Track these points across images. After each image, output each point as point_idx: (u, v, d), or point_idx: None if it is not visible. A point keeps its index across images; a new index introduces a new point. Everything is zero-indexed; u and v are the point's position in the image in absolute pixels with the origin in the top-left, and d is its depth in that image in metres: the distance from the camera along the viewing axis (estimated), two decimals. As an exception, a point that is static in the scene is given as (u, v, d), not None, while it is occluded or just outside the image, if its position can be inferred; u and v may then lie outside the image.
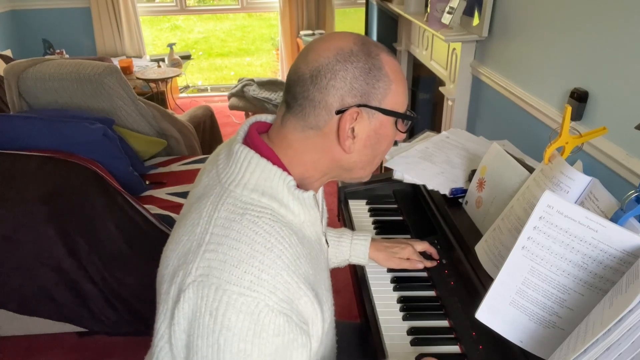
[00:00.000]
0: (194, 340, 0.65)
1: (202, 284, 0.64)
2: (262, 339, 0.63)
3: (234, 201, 0.69)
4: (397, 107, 0.74)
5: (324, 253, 0.82)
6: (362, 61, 0.70)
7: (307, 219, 0.74)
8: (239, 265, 0.64)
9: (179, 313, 0.66)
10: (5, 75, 2.17)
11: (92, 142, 1.96)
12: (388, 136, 0.76)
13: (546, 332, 0.75)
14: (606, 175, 1.26)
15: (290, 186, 0.71)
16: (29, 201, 1.71)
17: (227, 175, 0.72)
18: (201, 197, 0.74)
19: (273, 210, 0.70)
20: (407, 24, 2.77)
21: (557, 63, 1.47)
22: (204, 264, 0.65)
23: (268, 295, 0.63)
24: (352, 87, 0.70)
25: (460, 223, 1.09)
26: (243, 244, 0.65)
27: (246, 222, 0.67)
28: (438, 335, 0.95)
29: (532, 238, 0.73)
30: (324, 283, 0.78)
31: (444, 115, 2.27)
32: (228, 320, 0.62)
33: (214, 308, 0.63)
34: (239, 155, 0.72)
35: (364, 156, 0.76)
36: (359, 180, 0.82)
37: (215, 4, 6.70)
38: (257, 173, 0.71)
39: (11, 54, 3.97)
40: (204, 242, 0.67)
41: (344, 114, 0.70)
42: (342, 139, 0.72)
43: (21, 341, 1.96)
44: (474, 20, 1.90)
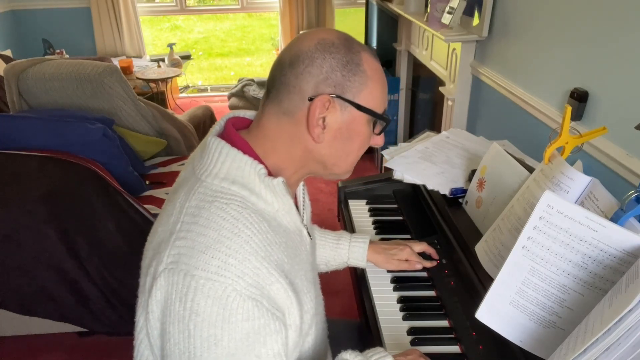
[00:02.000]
0: (166, 327, 0.66)
1: (172, 271, 0.65)
2: (231, 324, 0.64)
3: (204, 190, 0.71)
4: (372, 106, 0.75)
5: (305, 245, 0.82)
6: (341, 53, 0.72)
7: (281, 207, 0.74)
8: (206, 251, 0.64)
9: (152, 301, 0.67)
10: (5, 75, 2.17)
11: (92, 142, 1.96)
12: (361, 134, 0.76)
13: (546, 332, 0.75)
14: (606, 175, 1.26)
15: (261, 174, 0.72)
16: (29, 201, 1.71)
17: (200, 167, 0.74)
18: (176, 190, 0.76)
19: (243, 197, 0.71)
20: (407, 24, 2.77)
21: (557, 63, 1.47)
22: (174, 251, 0.66)
23: (236, 280, 0.64)
24: (327, 76, 0.71)
25: (460, 223, 1.09)
26: (211, 229, 0.66)
27: (214, 209, 0.68)
28: (438, 335, 0.94)
29: (532, 238, 0.73)
30: (304, 274, 0.78)
31: (444, 115, 2.27)
32: (197, 305, 0.63)
33: (183, 294, 0.64)
34: (211, 147, 0.73)
35: (334, 149, 0.76)
36: (335, 178, 0.82)
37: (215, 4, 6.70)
38: (228, 162, 0.72)
39: (11, 54, 3.97)
40: (175, 231, 0.68)
41: (314, 100, 0.71)
42: (311, 126, 0.72)
43: (21, 341, 1.96)
44: (474, 20, 1.90)
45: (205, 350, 0.64)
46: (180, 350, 0.65)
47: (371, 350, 0.83)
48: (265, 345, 0.67)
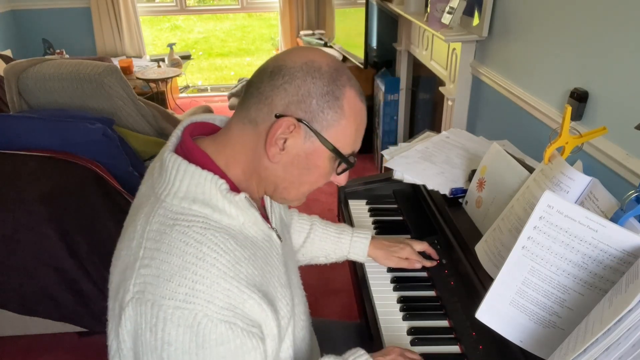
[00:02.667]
0: (140, 357, 0.65)
1: (139, 301, 0.63)
2: (205, 350, 0.63)
3: (164, 212, 0.68)
4: (340, 145, 0.72)
5: (275, 249, 0.80)
6: (324, 82, 0.69)
7: (246, 220, 0.72)
8: (171, 279, 0.63)
9: (122, 331, 0.65)
10: (5, 75, 2.17)
11: (92, 142, 1.96)
12: (320, 168, 0.74)
13: (546, 332, 0.75)
14: (606, 175, 1.26)
15: (223, 189, 0.69)
16: (29, 201, 1.71)
17: (159, 185, 0.71)
18: (138, 209, 0.73)
19: (206, 216, 0.68)
20: (407, 24, 2.77)
21: (557, 63, 1.47)
22: (139, 280, 0.64)
23: (206, 305, 0.62)
24: (302, 99, 0.68)
25: (460, 223, 1.09)
26: (174, 256, 0.64)
27: (176, 233, 0.65)
28: (438, 335, 0.95)
29: (532, 238, 0.73)
30: (277, 280, 0.77)
31: (444, 115, 2.27)
32: (168, 335, 0.62)
33: (152, 324, 0.62)
34: (167, 164, 0.71)
35: (288, 174, 0.74)
36: (286, 203, 0.80)
37: (215, 4, 6.70)
38: (187, 180, 0.69)
39: (11, 54, 3.97)
40: (138, 257, 0.66)
41: (280, 119, 0.69)
42: (269, 143, 0.70)
43: (21, 341, 1.96)
44: (474, 20, 1.90)
45: None
46: None
47: (349, 351, 0.83)
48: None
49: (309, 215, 1.18)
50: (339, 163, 0.75)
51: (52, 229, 1.70)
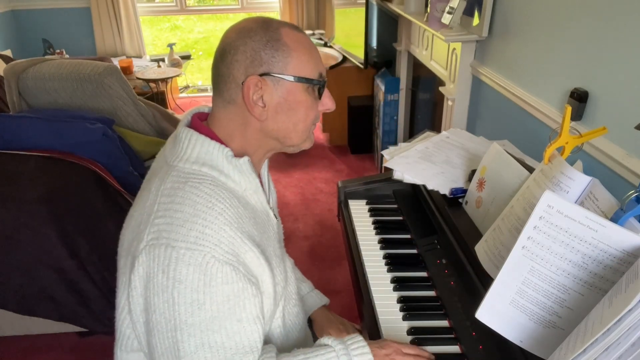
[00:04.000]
0: (150, 300, 0.70)
1: (154, 246, 0.70)
2: (212, 288, 0.69)
3: (177, 173, 0.76)
4: (305, 74, 0.79)
5: (272, 225, 0.88)
6: (260, 35, 0.77)
7: (248, 187, 0.80)
8: (184, 224, 0.70)
9: (134, 278, 0.71)
10: (5, 75, 2.17)
11: (92, 142, 1.96)
12: (302, 103, 0.81)
13: (546, 332, 0.75)
14: (606, 175, 1.26)
15: (228, 155, 0.78)
16: (29, 201, 1.71)
17: (172, 155, 0.79)
18: (151, 179, 0.81)
19: (214, 177, 0.76)
20: (407, 24, 2.77)
21: (557, 63, 1.47)
22: (154, 229, 0.71)
23: (213, 248, 0.70)
24: (253, 59, 0.76)
25: (460, 223, 1.09)
26: (186, 206, 0.71)
27: (189, 187, 0.73)
28: (438, 335, 0.94)
29: (532, 238, 0.73)
30: (273, 250, 0.84)
31: (444, 115, 2.27)
32: (179, 273, 0.68)
33: (165, 265, 0.69)
34: (181, 136, 0.80)
35: (280, 123, 0.81)
36: (296, 149, 0.87)
37: (215, 4, 6.70)
38: (197, 147, 0.78)
39: (11, 54, 3.96)
40: (153, 211, 0.73)
41: (244, 83, 0.77)
42: (250, 107, 0.78)
43: (21, 341, 1.96)
44: (474, 20, 1.90)
45: (189, 315, 0.69)
46: (166, 319, 0.69)
47: (350, 337, 0.85)
48: (245, 309, 0.73)
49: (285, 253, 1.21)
50: (316, 90, 0.82)
51: (52, 229, 1.70)
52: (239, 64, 0.77)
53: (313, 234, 2.65)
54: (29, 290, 1.76)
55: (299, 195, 3.08)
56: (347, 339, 0.84)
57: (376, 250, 1.20)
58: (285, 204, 2.97)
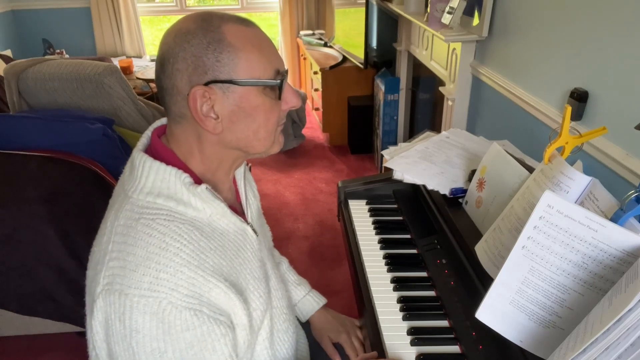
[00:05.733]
0: (112, 347, 0.67)
1: (109, 292, 0.65)
2: (172, 336, 0.65)
3: (131, 207, 0.70)
4: (257, 75, 0.70)
5: (250, 242, 0.81)
6: (199, 37, 0.68)
7: (213, 212, 0.73)
8: (136, 269, 0.65)
9: (95, 323, 0.68)
10: (5, 75, 2.17)
11: (92, 142, 1.96)
12: (259, 107, 0.72)
13: (546, 332, 0.75)
14: (606, 175, 1.26)
15: (186, 183, 0.71)
16: (29, 201, 1.71)
17: (129, 183, 0.73)
18: (110, 209, 0.76)
19: (170, 209, 0.70)
20: (407, 24, 2.77)
21: (557, 63, 1.47)
22: (108, 272, 0.66)
23: (170, 293, 0.65)
24: (195, 66, 0.68)
25: (460, 223, 1.09)
26: (138, 247, 0.66)
27: (140, 226, 0.68)
28: (438, 335, 0.94)
29: (532, 238, 0.73)
30: (250, 272, 0.79)
31: (444, 115, 2.27)
32: (135, 322, 0.64)
33: (120, 313, 0.65)
34: (135, 162, 0.73)
35: (239, 133, 0.73)
36: (263, 155, 0.79)
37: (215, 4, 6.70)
38: (152, 176, 0.71)
39: (11, 54, 3.97)
40: (108, 251, 0.68)
41: (188, 95, 0.68)
42: (201, 122, 0.70)
43: (21, 341, 1.96)
44: (474, 20, 1.90)
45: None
46: None
47: None
48: (215, 352, 0.69)
49: (279, 254, 1.19)
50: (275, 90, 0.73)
51: (52, 229, 1.70)
52: (180, 73, 0.68)
53: (313, 234, 2.65)
54: (29, 290, 1.76)
55: (299, 195, 3.08)
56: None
57: (376, 250, 1.20)
58: (285, 204, 2.97)
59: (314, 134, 3.97)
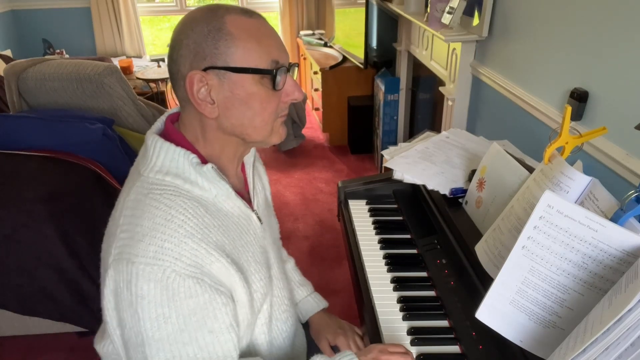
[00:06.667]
0: (120, 314, 0.70)
1: (118, 261, 0.69)
2: (176, 302, 0.68)
3: (141, 184, 0.74)
4: (253, 63, 0.72)
5: (254, 228, 0.84)
6: (201, 25, 0.71)
7: (219, 193, 0.77)
8: (143, 239, 0.68)
9: (107, 292, 0.71)
10: (5, 75, 2.17)
11: (92, 142, 1.96)
12: (254, 94, 0.74)
13: (546, 332, 0.75)
14: (606, 175, 1.26)
15: (193, 162, 0.74)
16: (29, 201, 1.71)
17: (142, 163, 0.77)
18: (124, 187, 0.80)
19: (177, 186, 0.74)
20: (407, 24, 2.77)
21: (557, 63, 1.47)
22: (119, 243, 0.70)
23: (174, 262, 0.68)
24: (196, 52, 0.71)
25: (460, 223, 1.09)
26: (144, 219, 0.70)
27: (149, 200, 0.71)
28: (438, 335, 0.94)
29: (532, 238, 0.73)
30: (252, 256, 0.81)
31: (444, 115, 2.27)
32: (140, 289, 0.67)
33: (127, 280, 0.68)
34: (148, 143, 0.78)
35: (234, 119, 0.76)
36: (265, 144, 0.81)
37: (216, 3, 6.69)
38: (162, 155, 0.75)
39: (11, 54, 3.97)
40: (119, 224, 0.72)
41: (185, 79, 0.72)
42: (197, 105, 0.74)
43: (21, 341, 1.96)
44: (474, 20, 1.90)
45: (156, 329, 0.68)
46: (135, 334, 0.69)
47: (338, 354, 0.84)
48: (217, 320, 0.71)
49: (287, 254, 1.20)
50: (271, 79, 0.74)
51: (52, 229, 1.70)
52: (184, 59, 0.73)
53: (313, 234, 2.65)
54: (29, 290, 1.76)
55: (299, 195, 3.08)
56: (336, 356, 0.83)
57: (376, 250, 1.20)
58: (285, 204, 2.97)
59: (314, 134, 3.97)
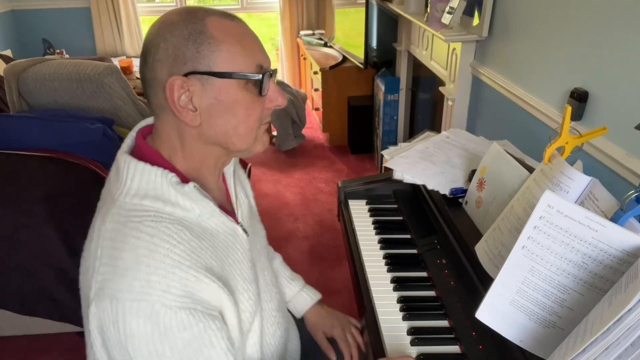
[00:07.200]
0: (110, 352, 0.66)
1: (100, 298, 0.64)
2: (169, 337, 0.64)
3: (117, 210, 0.69)
4: (236, 67, 0.69)
5: (240, 243, 0.80)
6: (181, 28, 0.67)
7: (202, 211, 0.72)
8: (126, 274, 0.63)
9: (91, 328, 0.66)
10: (5, 75, 2.17)
11: (92, 142, 1.96)
12: (239, 101, 0.71)
13: (546, 332, 0.75)
14: (606, 175, 1.26)
15: (173, 182, 0.69)
16: (29, 201, 1.71)
17: (115, 186, 0.71)
18: (97, 213, 0.74)
19: (157, 210, 0.68)
20: (407, 24, 2.77)
21: (557, 63, 1.47)
22: (99, 277, 0.65)
23: (163, 295, 0.63)
24: (175, 57, 0.67)
25: (460, 223, 1.09)
26: (126, 252, 0.64)
27: (128, 229, 0.66)
28: (438, 335, 0.94)
29: (532, 237, 0.73)
30: (240, 273, 0.77)
31: (444, 115, 2.27)
32: (130, 328, 0.63)
33: (114, 319, 0.63)
34: (120, 164, 0.72)
35: (218, 127, 0.72)
36: (248, 153, 0.77)
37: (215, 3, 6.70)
38: (137, 177, 0.69)
39: (11, 54, 3.96)
40: (97, 257, 0.67)
41: (165, 85, 0.68)
42: (179, 113, 0.69)
43: (21, 341, 1.96)
44: (474, 20, 1.90)
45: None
46: None
47: None
48: (214, 346, 0.68)
49: (273, 250, 1.18)
50: (257, 85, 0.71)
51: (52, 229, 1.70)
52: (161, 64, 0.68)
53: (313, 234, 2.65)
54: (29, 290, 1.76)
55: (299, 195, 3.08)
56: None
57: (376, 250, 1.20)
58: (285, 204, 2.97)
59: (314, 134, 3.97)
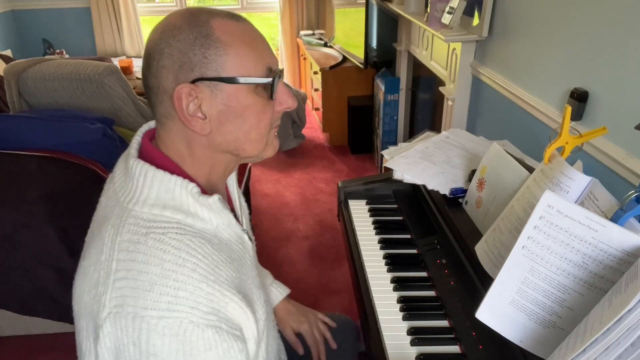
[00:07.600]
0: None
1: (119, 315, 0.60)
2: (193, 357, 0.61)
3: (135, 221, 0.64)
4: (245, 71, 0.66)
5: (248, 251, 0.78)
6: (185, 33, 0.64)
7: (220, 223, 0.70)
8: (152, 289, 0.60)
9: (102, 350, 0.62)
10: (5, 75, 2.17)
11: (92, 142, 1.96)
12: (250, 106, 0.68)
13: (546, 332, 0.75)
14: (606, 175, 1.26)
15: (194, 193, 0.67)
16: (29, 201, 1.71)
17: (125, 193, 0.67)
18: (102, 222, 0.69)
19: (179, 222, 0.65)
20: (407, 24, 2.77)
21: (557, 63, 1.47)
22: (116, 294, 0.61)
23: (190, 312, 0.60)
24: (182, 63, 0.64)
25: (460, 223, 1.09)
26: (152, 265, 0.61)
27: (151, 241, 0.62)
28: (438, 335, 0.95)
29: (532, 237, 0.73)
30: (252, 281, 0.76)
31: (444, 115, 2.27)
32: (153, 347, 0.59)
33: (135, 338, 0.59)
34: (134, 170, 0.67)
35: (228, 134, 0.69)
36: (258, 158, 0.75)
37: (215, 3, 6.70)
38: (156, 186, 0.66)
39: (11, 54, 3.97)
40: (111, 271, 0.62)
41: (173, 94, 0.65)
42: (187, 121, 0.66)
43: (21, 341, 1.96)
44: (474, 20, 1.90)
45: None
46: None
47: None
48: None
49: None
50: (268, 88, 0.69)
51: (52, 228, 1.70)
52: (166, 71, 0.64)
53: (313, 234, 2.65)
54: (29, 290, 1.76)
55: (299, 195, 3.08)
56: None
57: (376, 250, 1.20)
58: (285, 204, 2.97)
59: (314, 134, 3.97)
